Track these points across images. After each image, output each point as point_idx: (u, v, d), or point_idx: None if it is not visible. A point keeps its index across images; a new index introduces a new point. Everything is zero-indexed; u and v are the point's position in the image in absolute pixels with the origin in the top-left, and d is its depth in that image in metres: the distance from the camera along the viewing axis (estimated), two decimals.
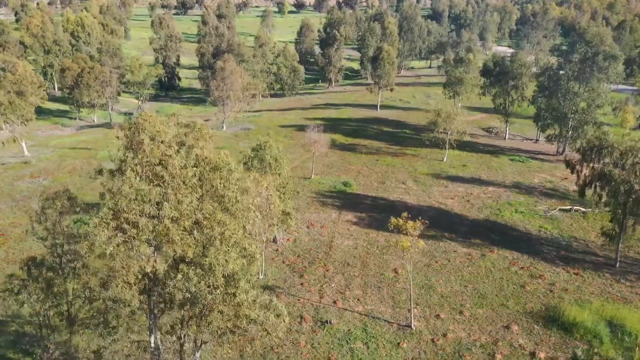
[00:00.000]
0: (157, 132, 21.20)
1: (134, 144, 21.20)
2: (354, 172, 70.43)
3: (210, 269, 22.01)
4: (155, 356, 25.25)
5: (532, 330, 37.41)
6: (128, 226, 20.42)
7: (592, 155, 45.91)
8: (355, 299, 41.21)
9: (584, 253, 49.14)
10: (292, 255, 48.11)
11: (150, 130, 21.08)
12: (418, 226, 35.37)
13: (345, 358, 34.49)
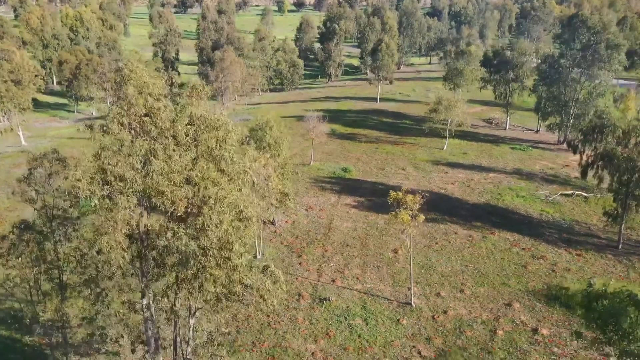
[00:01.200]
0: (144, 83, 20.50)
1: (120, 95, 20.51)
2: (354, 159, 69.79)
3: (202, 229, 21.32)
4: (149, 322, 24.58)
5: (534, 308, 36.77)
6: (113, 179, 19.70)
7: (594, 135, 45.29)
8: (354, 278, 40.55)
9: (586, 235, 48.47)
10: (290, 236, 47.45)
11: (137, 81, 20.40)
12: (418, 200, 34.72)
13: (344, 334, 33.83)
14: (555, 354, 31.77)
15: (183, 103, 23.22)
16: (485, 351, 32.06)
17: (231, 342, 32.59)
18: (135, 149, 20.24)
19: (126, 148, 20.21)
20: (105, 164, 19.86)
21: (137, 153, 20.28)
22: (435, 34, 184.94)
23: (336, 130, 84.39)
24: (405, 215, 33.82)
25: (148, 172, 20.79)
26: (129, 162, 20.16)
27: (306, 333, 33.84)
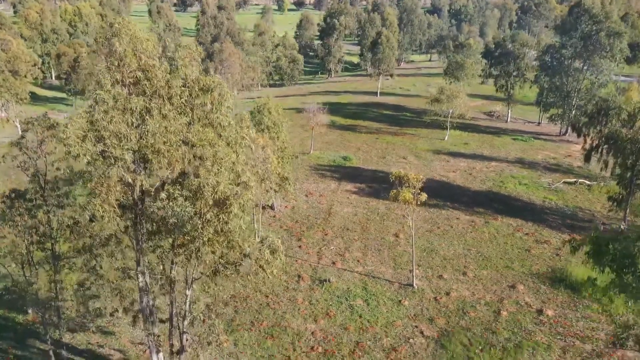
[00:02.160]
0: (136, 38, 19.73)
1: (110, 51, 19.73)
2: (354, 149, 69.07)
3: (199, 190, 20.56)
4: (144, 293, 23.82)
5: (538, 290, 36.01)
6: (107, 135, 18.94)
7: (599, 118, 44.56)
8: (355, 261, 39.78)
9: (590, 222, 47.66)
10: (290, 221, 46.68)
11: (129, 36, 19.61)
12: (420, 178, 33.99)
13: (345, 314, 33.06)
14: (561, 334, 31.01)
15: (177, 64, 22.44)
16: (489, 331, 31.30)
17: (229, 321, 31.79)
18: (131, 105, 19.47)
19: (121, 103, 19.44)
20: (99, 119, 19.09)
21: (132, 109, 19.52)
22: (436, 31, 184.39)
23: (336, 122, 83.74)
24: (407, 193, 33.07)
25: (143, 131, 20.05)
26: (124, 119, 19.41)
27: (306, 313, 33.06)
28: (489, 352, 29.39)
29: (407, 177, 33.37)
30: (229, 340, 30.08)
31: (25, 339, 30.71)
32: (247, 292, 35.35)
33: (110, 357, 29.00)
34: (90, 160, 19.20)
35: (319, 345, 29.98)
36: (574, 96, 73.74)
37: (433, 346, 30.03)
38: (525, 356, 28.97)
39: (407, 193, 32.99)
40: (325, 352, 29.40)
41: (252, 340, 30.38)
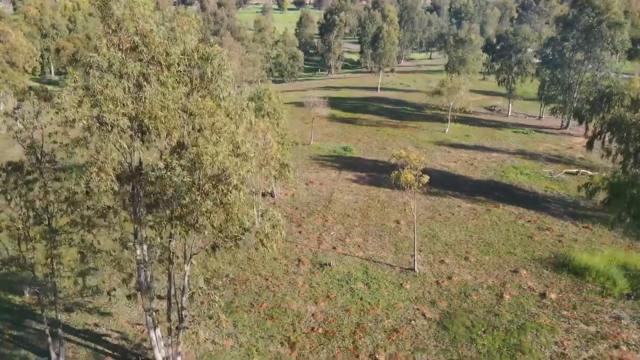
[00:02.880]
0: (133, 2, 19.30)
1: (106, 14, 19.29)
2: (354, 140, 68.69)
3: (197, 159, 20.11)
4: (142, 267, 23.37)
5: (541, 275, 35.60)
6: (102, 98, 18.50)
7: (602, 104, 44.12)
8: (356, 246, 39.37)
9: (593, 210, 47.28)
10: (290, 207, 46.27)
11: None
12: (422, 160, 33.60)
13: (345, 297, 32.63)
14: (565, 317, 30.59)
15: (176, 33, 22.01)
16: (492, 314, 30.88)
17: (228, 303, 31.35)
18: (127, 70, 19.05)
19: (117, 68, 19.02)
20: (94, 84, 18.67)
21: (128, 74, 19.10)
22: (436, 29, 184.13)
23: (336, 115, 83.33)
24: (409, 174, 32.66)
25: (140, 97, 19.63)
26: (120, 83, 18.99)
27: (306, 295, 32.63)
28: (491, 333, 28.98)
29: (408, 158, 32.95)
30: (228, 321, 29.74)
31: (22, 320, 30.28)
32: (247, 275, 34.92)
33: (108, 336, 28.56)
34: (86, 125, 18.77)
35: (319, 326, 29.56)
36: (576, 89, 73.34)
37: (435, 327, 29.61)
38: (529, 337, 28.54)
39: (408, 174, 32.57)
40: (326, 332, 28.97)
41: (252, 322, 29.95)
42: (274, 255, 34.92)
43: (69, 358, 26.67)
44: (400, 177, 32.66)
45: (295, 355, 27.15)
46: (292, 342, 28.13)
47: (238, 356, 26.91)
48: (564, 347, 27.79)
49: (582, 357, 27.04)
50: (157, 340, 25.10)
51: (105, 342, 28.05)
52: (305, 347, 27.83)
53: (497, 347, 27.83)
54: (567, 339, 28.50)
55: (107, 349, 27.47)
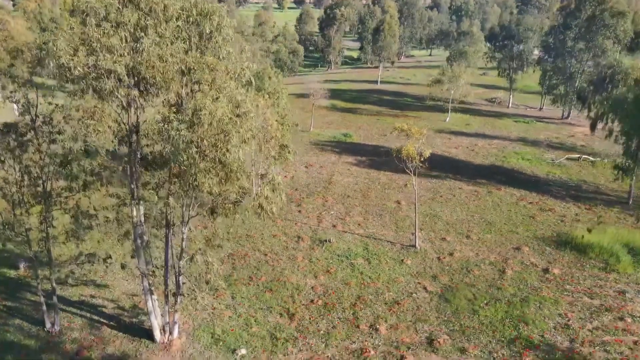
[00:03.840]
0: None
1: None
2: (354, 127, 68.33)
3: (195, 113, 19.65)
4: (139, 228, 22.90)
5: (543, 251, 35.15)
6: (98, 46, 18.07)
7: (604, 85, 43.68)
8: (356, 224, 38.92)
9: (595, 193, 46.93)
10: (289, 189, 45.77)
11: None
12: (424, 133, 33.19)
13: (346, 271, 32.16)
14: (568, 291, 30.13)
15: None
16: (494, 287, 30.43)
17: (227, 277, 30.88)
18: (124, 19, 18.60)
19: (114, 16, 18.57)
20: (91, 31, 18.22)
21: (125, 23, 18.64)
22: (436, 26, 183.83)
23: (336, 105, 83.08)
24: (410, 147, 32.22)
25: (138, 49, 19.18)
26: (117, 32, 18.53)
27: (305, 270, 32.17)
28: (494, 305, 28.52)
29: (410, 131, 32.52)
30: (225, 289, 29.29)
31: (16, 292, 29.78)
32: (245, 251, 34.46)
33: (104, 307, 28.07)
34: (82, 73, 18.31)
35: (319, 298, 29.08)
36: (577, 78, 72.93)
37: (437, 300, 29.15)
38: (532, 309, 28.08)
39: (410, 147, 32.13)
40: (326, 304, 28.50)
41: (250, 294, 29.47)
42: (274, 218, 34.23)
43: (64, 327, 26.17)
44: (402, 151, 32.18)
45: (295, 325, 26.66)
46: (291, 313, 27.65)
47: (236, 326, 26.43)
48: (567, 318, 27.34)
49: (586, 328, 26.58)
50: (154, 307, 24.63)
51: (102, 313, 27.56)
52: (304, 317, 27.35)
53: (499, 318, 27.37)
54: (570, 311, 28.05)
55: (103, 318, 26.98)
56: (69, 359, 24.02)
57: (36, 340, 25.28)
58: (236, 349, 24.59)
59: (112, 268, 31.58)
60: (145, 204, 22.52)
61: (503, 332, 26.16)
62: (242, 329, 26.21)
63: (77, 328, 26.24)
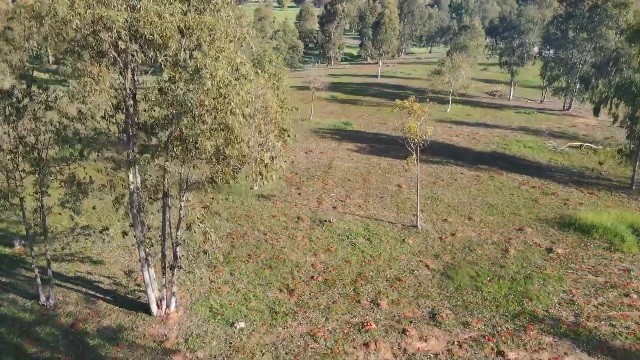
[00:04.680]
0: None
1: None
2: (355, 117, 67.91)
3: (196, 72, 19.16)
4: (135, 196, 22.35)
5: (547, 232, 34.68)
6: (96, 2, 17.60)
7: (608, 68, 43.21)
8: (356, 206, 38.43)
9: (597, 179, 46.50)
10: (289, 173, 45.30)
11: None
12: (426, 110, 32.71)
13: (346, 249, 31.66)
14: (572, 269, 29.64)
15: None
16: (497, 265, 29.94)
17: (225, 254, 30.37)
18: None
19: None
20: None
21: None
22: (436, 23, 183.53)
23: (336, 97, 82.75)
24: (412, 123, 31.73)
25: (135, 6, 18.69)
26: None
27: (305, 248, 31.67)
28: (497, 282, 28.02)
29: (412, 108, 32.03)
30: (224, 269, 28.83)
31: (11, 269, 29.25)
32: (245, 230, 33.95)
33: (100, 283, 27.54)
34: (79, 26, 17.81)
35: (319, 275, 28.58)
36: (579, 69, 72.49)
37: (439, 277, 28.65)
38: (536, 286, 27.58)
39: (412, 123, 31.64)
40: (326, 280, 27.99)
41: (249, 270, 28.95)
42: (273, 183, 33.56)
43: (59, 301, 25.65)
44: (404, 126, 31.69)
45: (295, 300, 26.15)
46: (290, 289, 27.13)
47: (235, 301, 25.91)
48: (572, 294, 26.84)
49: (591, 303, 26.08)
50: (151, 280, 24.11)
51: (98, 288, 27.04)
52: (304, 293, 26.83)
53: (503, 294, 26.87)
54: (575, 287, 27.56)
55: (99, 293, 26.46)
56: (64, 331, 23.48)
57: (30, 313, 24.76)
58: (234, 322, 24.07)
59: (109, 246, 31.16)
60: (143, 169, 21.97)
61: (507, 307, 25.66)
62: (241, 304, 25.69)
63: (72, 302, 25.71)
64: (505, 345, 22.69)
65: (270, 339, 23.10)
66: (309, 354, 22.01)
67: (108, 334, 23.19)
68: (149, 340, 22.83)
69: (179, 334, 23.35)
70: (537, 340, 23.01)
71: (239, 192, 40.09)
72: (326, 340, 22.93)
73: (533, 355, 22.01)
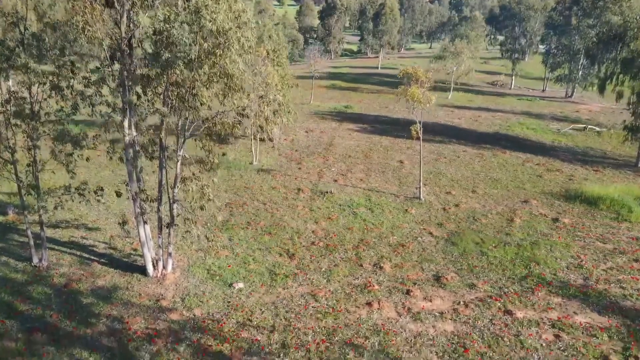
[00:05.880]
0: None
1: None
2: (356, 101, 67.25)
3: (196, 12, 18.42)
4: (129, 148, 21.58)
5: (552, 204, 33.98)
6: None
7: (614, 43, 42.51)
8: (358, 179, 37.72)
9: (602, 158, 45.83)
10: (289, 150, 44.57)
11: None
12: (430, 77, 32.01)
13: (348, 218, 30.92)
14: (580, 237, 28.92)
15: None
16: (502, 233, 29.22)
17: (224, 222, 29.64)
18: None
19: None
20: None
21: None
22: (437, 18, 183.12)
23: (337, 85, 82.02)
24: (415, 89, 31.01)
25: None
26: None
27: (306, 217, 30.95)
28: (503, 248, 27.29)
29: (416, 74, 31.33)
30: (223, 235, 28.12)
31: (4, 235, 28.48)
32: (244, 200, 33.23)
33: (94, 247, 26.78)
34: None
35: (320, 240, 27.85)
36: (582, 55, 71.82)
37: (443, 243, 27.92)
38: (543, 252, 26.85)
39: (415, 89, 30.92)
40: (327, 246, 27.25)
41: (249, 236, 28.21)
42: (272, 158, 32.77)
43: (52, 263, 24.87)
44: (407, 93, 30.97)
45: (295, 263, 25.40)
46: (291, 254, 26.39)
47: (234, 264, 25.16)
48: (580, 259, 26.12)
49: (600, 267, 25.36)
50: (147, 238, 23.34)
51: (92, 251, 26.28)
52: (305, 257, 26.10)
53: (509, 259, 26.14)
54: (583, 253, 26.84)
55: (93, 256, 25.70)
56: (56, 290, 22.71)
57: (22, 274, 23.98)
58: (233, 283, 23.31)
59: (105, 213, 30.44)
60: (139, 116, 21.20)
61: (513, 271, 24.93)
62: (240, 266, 24.95)
63: (66, 264, 24.94)
64: (512, 305, 21.94)
65: (270, 298, 22.35)
66: (310, 312, 21.26)
67: (102, 293, 22.42)
68: (144, 299, 22.06)
69: (175, 293, 22.59)
70: (545, 301, 22.27)
71: (238, 166, 39.36)
72: (327, 300, 22.18)
73: (542, 314, 21.27)
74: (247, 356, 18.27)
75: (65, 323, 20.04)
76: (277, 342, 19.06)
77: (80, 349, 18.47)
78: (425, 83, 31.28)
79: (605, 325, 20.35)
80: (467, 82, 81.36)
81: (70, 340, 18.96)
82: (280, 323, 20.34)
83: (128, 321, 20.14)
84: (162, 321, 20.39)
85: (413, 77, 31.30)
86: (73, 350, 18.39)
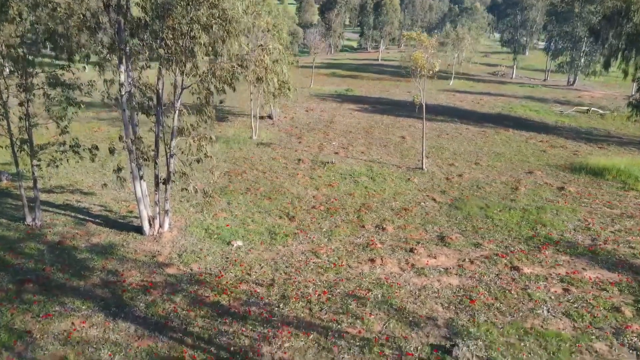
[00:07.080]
0: None
1: None
2: (356, 86, 66.60)
3: None
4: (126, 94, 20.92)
5: (557, 175, 33.37)
6: None
7: (619, 19, 41.95)
8: (359, 152, 37.08)
9: (606, 136, 45.24)
10: (289, 126, 43.93)
11: None
12: (434, 43, 31.39)
13: (349, 185, 30.27)
14: (586, 203, 28.28)
15: None
16: (507, 199, 28.57)
17: (222, 187, 28.99)
18: None
19: None
20: None
21: None
22: (437, 14, 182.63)
23: (337, 73, 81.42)
24: (419, 54, 30.40)
25: None
26: None
27: (306, 184, 30.29)
28: (508, 212, 26.65)
29: (420, 39, 30.72)
30: (221, 199, 27.47)
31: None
32: (243, 169, 32.58)
33: (89, 209, 26.10)
34: None
35: (320, 205, 27.19)
36: (584, 42, 71.33)
37: (447, 208, 27.28)
38: (549, 215, 26.22)
39: (418, 54, 30.31)
40: (328, 209, 26.60)
41: (248, 201, 27.55)
42: (272, 134, 31.95)
43: (46, 222, 24.20)
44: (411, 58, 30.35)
45: (295, 225, 24.75)
46: (291, 216, 25.73)
47: (232, 224, 24.50)
48: (587, 222, 25.50)
49: (608, 230, 24.72)
50: (143, 195, 22.67)
51: (87, 213, 25.61)
52: (305, 219, 25.44)
53: (515, 221, 25.51)
54: (590, 217, 26.22)
55: (88, 217, 25.02)
56: (50, 247, 22.04)
57: (15, 232, 23.31)
58: (231, 241, 22.65)
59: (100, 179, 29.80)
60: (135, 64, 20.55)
61: (519, 232, 24.30)
62: (238, 227, 24.29)
63: (60, 224, 24.27)
64: (519, 262, 21.31)
65: (270, 255, 21.70)
66: (311, 267, 20.61)
67: (97, 249, 21.76)
68: (140, 255, 21.40)
69: (172, 250, 21.93)
70: (553, 259, 21.64)
71: (237, 140, 38.74)
72: (329, 257, 21.54)
73: (550, 270, 20.64)
74: (245, 306, 17.61)
75: (58, 275, 19.41)
76: (277, 294, 18.41)
77: (72, 298, 17.82)
78: (429, 49, 30.65)
79: (616, 280, 19.74)
80: (467, 71, 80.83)
81: (63, 290, 18.32)
82: (280, 277, 19.70)
83: (123, 274, 19.51)
84: (159, 275, 19.75)
85: (418, 43, 30.64)
86: (65, 299, 17.74)
